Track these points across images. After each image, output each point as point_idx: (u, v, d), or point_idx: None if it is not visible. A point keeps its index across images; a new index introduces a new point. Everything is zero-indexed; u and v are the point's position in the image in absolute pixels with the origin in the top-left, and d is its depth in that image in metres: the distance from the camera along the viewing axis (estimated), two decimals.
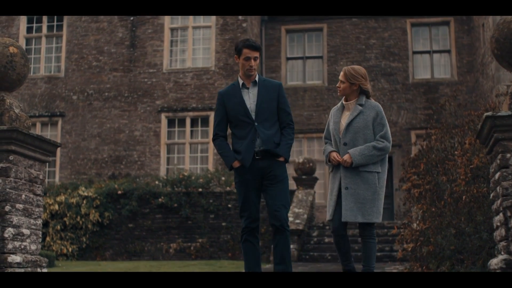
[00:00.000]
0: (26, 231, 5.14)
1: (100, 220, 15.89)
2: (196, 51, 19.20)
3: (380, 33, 20.21)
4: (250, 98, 5.43)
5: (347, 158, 5.41)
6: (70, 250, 15.66)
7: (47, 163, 5.75)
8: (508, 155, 4.71)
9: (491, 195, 5.13)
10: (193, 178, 16.44)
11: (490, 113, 4.75)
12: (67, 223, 15.88)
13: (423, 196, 8.72)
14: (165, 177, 17.06)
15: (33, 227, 5.24)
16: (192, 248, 15.58)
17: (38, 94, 19.49)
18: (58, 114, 19.25)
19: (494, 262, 4.70)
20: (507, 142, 4.72)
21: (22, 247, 5.08)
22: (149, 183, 16.75)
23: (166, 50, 19.13)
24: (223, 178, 16.39)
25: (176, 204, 15.79)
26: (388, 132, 5.51)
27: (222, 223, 15.66)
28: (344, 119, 5.56)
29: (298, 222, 13.71)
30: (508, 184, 4.65)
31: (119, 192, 16.12)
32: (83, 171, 18.77)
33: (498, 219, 4.88)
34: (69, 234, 15.84)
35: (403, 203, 11.87)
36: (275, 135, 5.39)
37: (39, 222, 5.34)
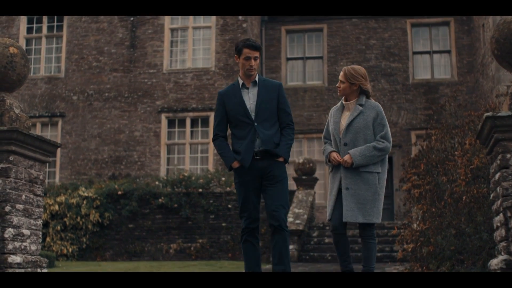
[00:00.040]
0: (26, 232, 5.14)
1: (100, 220, 15.89)
2: (196, 51, 19.20)
3: (380, 33, 20.21)
4: (250, 98, 5.41)
5: (347, 158, 5.40)
6: (70, 250, 15.66)
7: (47, 164, 5.74)
8: (508, 156, 4.70)
9: (491, 195, 5.13)
10: (193, 178, 16.43)
11: (490, 113, 4.75)
12: (67, 223, 15.88)
13: (423, 196, 8.72)
14: (165, 177, 17.06)
15: (33, 227, 5.24)
16: (192, 248, 15.58)
17: (38, 95, 19.49)
18: (58, 114, 19.26)
19: (494, 263, 4.70)
20: (507, 142, 4.72)
21: (22, 247, 5.08)
22: (149, 184, 16.75)
23: (166, 50, 19.13)
24: (223, 179, 16.39)
25: (176, 205, 15.79)
26: (388, 133, 5.51)
27: (222, 224, 15.66)
28: (344, 119, 5.55)
29: (298, 222, 13.70)
30: (508, 184, 4.65)
31: (119, 192, 16.11)
32: (83, 171, 18.77)
33: (498, 219, 4.88)
34: (69, 235, 15.83)
35: (403, 203, 11.87)
36: (274, 135, 5.37)
37: (39, 222, 5.34)
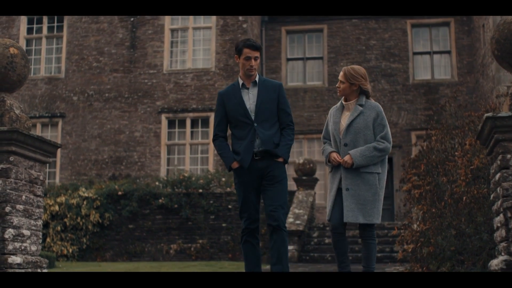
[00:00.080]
0: (27, 232, 5.14)
1: (100, 221, 15.88)
2: (196, 52, 19.20)
3: (380, 34, 20.21)
4: (250, 98, 5.40)
5: (347, 159, 5.39)
6: (71, 251, 15.65)
7: (48, 164, 5.74)
8: (508, 156, 4.70)
9: (492, 196, 5.13)
10: (193, 179, 16.44)
11: (490, 114, 4.75)
12: (68, 224, 15.88)
13: (424, 197, 8.72)
14: (165, 178, 17.06)
15: (33, 228, 5.24)
16: (192, 249, 15.58)
17: (39, 95, 19.49)
18: (58, 115, 19.26)
19: (495, 263, 4.70)
20: (507, 143, 4.72)
21: (23, 248, 5.08)
22: (149, 184, 16.75)
23: (166, 51, 19.13)
24: (224, 179, 16.39)
25: (176, 205, 15.79)
26: (389, 133, 5.50)
27: (222, 224, 15.66)
28: (344, 119, 5.53)
29: (298, 223, 13.70)
30: (509, 185, 4.65)
31: (120, 193, 16.11)
32: (84, 172, 18.77)
33: (498, 220, 4.88)
34: (69, 235, 15.83)
35: (403, 204, 11.87)
36: (274, 136, 5.36)
37: (40, 223, 5.34)
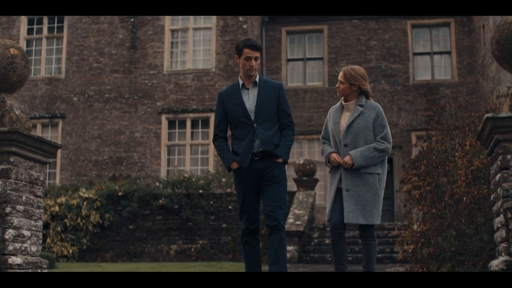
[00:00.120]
0: (27, 233, 5.14)
1: (100, 221, 15.88)
2: (197, 52, 19.20)
3: (380, 34, 20.21)
4: (250, 99, 5.39)
5: (348, 159, 5.38)
6: (71, 251, 15.65)
7: (48, 165, 5.74)
8: (508, 157, 4.70)
9: (492, 196, 5.13)
10: (193, 179, 16.43)
11: (490, 114, 4.75)
12: (68, 224, 15.88)
13: (424, 197, 8.72)
14: (165, 178, 17.05)
15: (33, 228, 5.24)
16: (192, 249, 15.58)
17: (39, 96, 19.49)
18: (58, 115, 19.26)
19: (495, 264, 4.70)
20: (507, 143, 4.72)
21: (23, 248, 5.08)
22: (149, 185, 16.74)
23: (167, 51, 19.13)
24: (224, 180, 16.39)
25: (176, 206, 15.78)
26: (389, 133, 5.49)
27: (222, 225, 15.65)
28: (344, 120, 5.52)
29: (298, 223, 13.69)
30: (509, 185, 4.65)
31: (120, 193, 16.11)
32: (84, 172, 18.77)
33: (498, 220, 4.88)
34: (69, 236, 15.83)
35: (403, 204, 11.86)
36: (274, 136, 5.35)
37: (40, 223, 5.34)
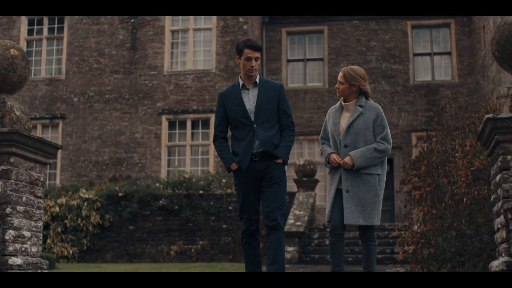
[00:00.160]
0: (27, 233, 5.14)
1: (101, 222, 15.88)
2: (197, 53, 19.20)
3: (380, 35, 20.21)
4: (250, 99, 5.38)
5: (348, 160, 5.36)
6: (71, 252, 15.65)
7: (48, 165, 5.74)
8: (509, 157, 4.70)
9: (492, 197, 5.12)
10: (193, 180, 16.44)
11: (491, 115, 4.75)
12: (68, 225, 15.88)
13: (424, 198, 8.71)
14: (165, 179, 17.06)
15: (33, 229, 5.24)
16: (193, 250, 15.58)
17: (39, 96, 19.50)
18: (59, 116, 19.26)
19: (495, 264, 4.70)
20: (508, 144, 4.72)
21: (23, 249, 5.08)
22: (149, 185, 16.74)
23: (167, 52, 19.14)
24: (224, 180, 16.39)
25: (177, 206, 15.78)
26: (389, 134, 5.48)
27: (223, 225, 15.65)
28: (344, 120, 5.51)
29: (299, 224, 13.69)
30: (509, 186, 4.65)
31: (120, 194, 16.11)
32: (84, 173, 18.77)
33: (499, 221, 4.88)
34: (69, 237, 15.83)
35: (404, 205, 11.86)
36: (274, 137, 5.34)
37: (40, 224, 5.34)
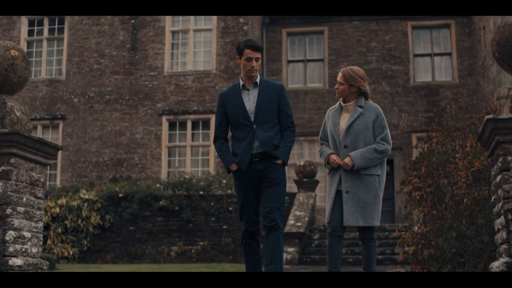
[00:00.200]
0: (27, 234, 5.14)
1: (101, 223, 15.88)
2: (197, 54, 19.21)
3: (381, 36, 20.22)
4: (250, 100, 5.37)
5: (348, 161, 5.35)
6: (71, 253, 15.65)
7: (48, 166, 5.74)
8: (509, 158, 4.70)
9: (492, 198, 5.12)
10: (194, 181, 16.44)
11: (491, 116, 4.75)
12: (68, 226, 15.88)
13: (424, 199, 8.71)
14: (166, 180, 17.06)
15: (34, 230, 5.24)
16: (193, 251, 15.58)
17: (39, 97, 19.50)
18: (59, 117, 19.27)
19: (496, 265, 4.70)
20: (508, 145, 4.72)
21: (23, 250, 5.08)
22: (150, 186, 16.74)
23: (167, 53, 19.14)
24: (224, 181, 16.39)
25: (177, 207, 15.79)
26: (388, 134, 5.48)
27: (223, 226, 15.65)
28: (344, 121, 5.50)
29: (299, 225, 13.69)
30: (509, 187, 4.65)
31: (120, 195, 16.11)
32: (84, 174, 18.77)
33: (499, 222, 4.88)
34: (70, 237, 15.83)
35: (404, 206, 11.86)
36: (274, 137, 5.33)
37: (40, 225, 5.34)
